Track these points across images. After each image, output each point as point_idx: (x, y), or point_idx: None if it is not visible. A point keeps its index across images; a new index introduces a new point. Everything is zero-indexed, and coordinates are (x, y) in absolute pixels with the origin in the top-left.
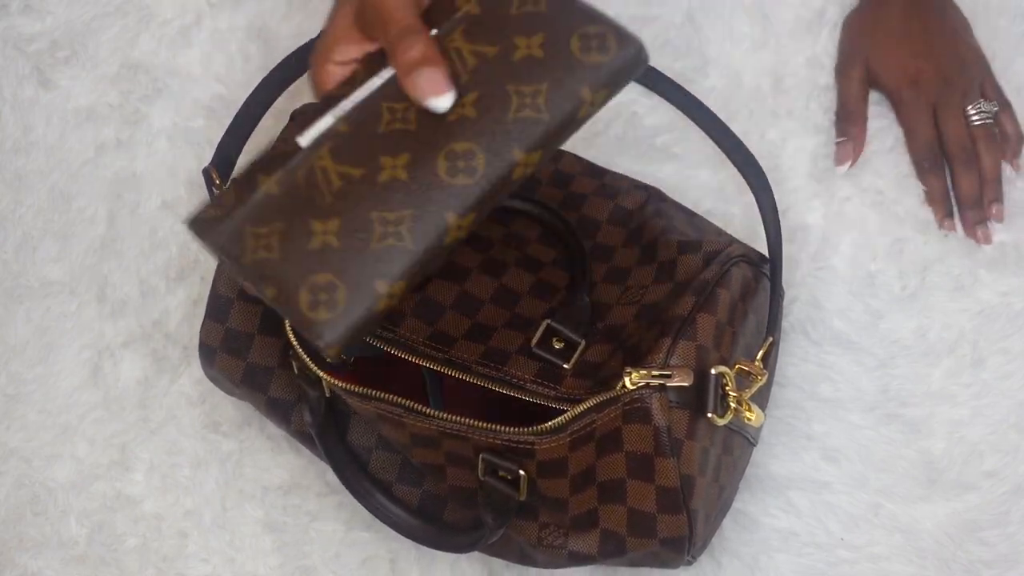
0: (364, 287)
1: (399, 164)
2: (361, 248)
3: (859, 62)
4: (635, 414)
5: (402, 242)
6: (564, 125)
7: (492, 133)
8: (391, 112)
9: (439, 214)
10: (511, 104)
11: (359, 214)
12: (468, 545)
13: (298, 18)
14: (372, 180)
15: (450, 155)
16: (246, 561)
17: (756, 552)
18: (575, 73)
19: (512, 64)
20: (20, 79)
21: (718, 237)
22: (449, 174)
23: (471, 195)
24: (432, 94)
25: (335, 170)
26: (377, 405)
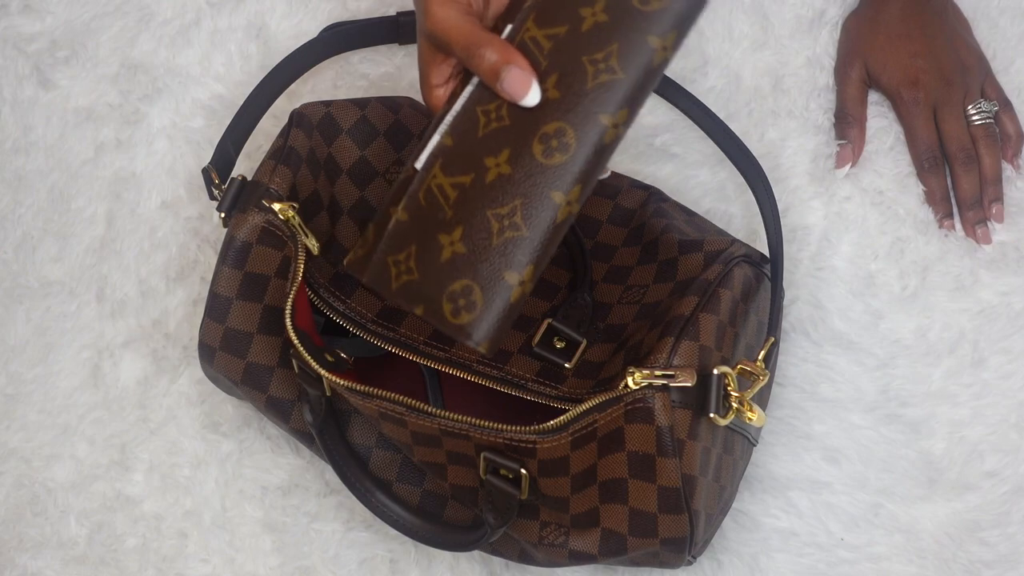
0: (496, 282)
1: (501, 161)
2: (485, 247)
3: (858, 63)
4: (637, 414)
5: (519, 232)
6: (643, 78)
7: (576, 106)
8: (486, 115)
9: (545, 196)
10: (588, 73)
11: (476, 217)
12: (469, 544)
13: (298, 18)
14: (481, 182)
15: (543, 138)
16: (246, 561)
17: (756, 552)
18: (640, 25)
19: (582, 35)
20: (20, 79)
21: (719, 236)
22: (545, 156)
23: (570, 170)
24: (520, 92)
25: (448, 183)
26: (379, 403)
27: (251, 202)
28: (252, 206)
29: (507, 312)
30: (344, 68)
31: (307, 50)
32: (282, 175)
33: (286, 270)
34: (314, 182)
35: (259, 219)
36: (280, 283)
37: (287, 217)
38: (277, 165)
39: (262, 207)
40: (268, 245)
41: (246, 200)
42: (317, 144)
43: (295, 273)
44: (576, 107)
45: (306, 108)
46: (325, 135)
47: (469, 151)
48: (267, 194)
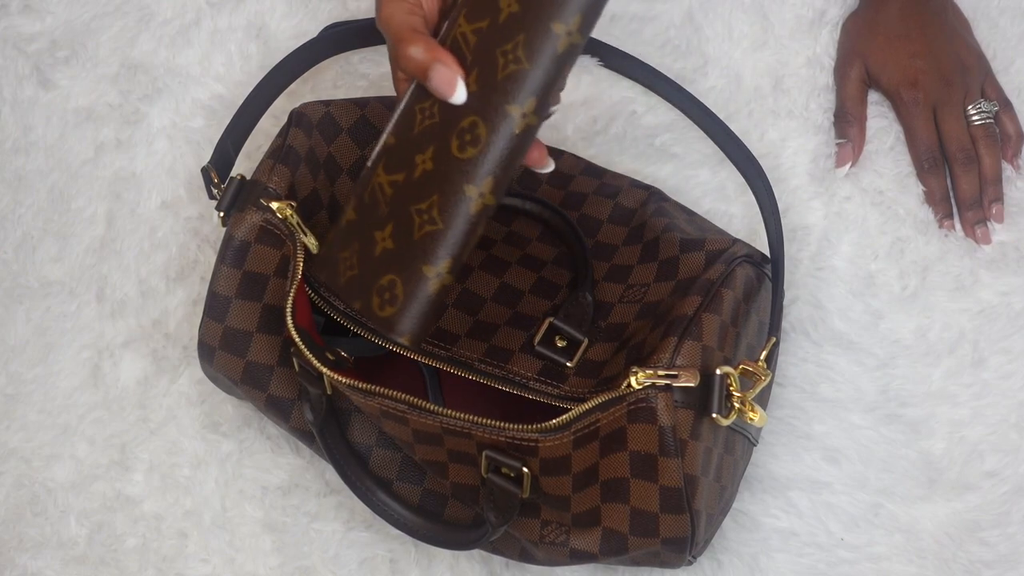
0: (415, 275)
1: (427, 157)
2: (408, 242)
3: (858, 63)
4: (640, 414)
5: (436, 226)
6: (550, 65)
7: (487, 99)
8: (421, 112)
9: (459, 189)
10: (498, 65)
11: (404, 213)
12: (470, 542)
13: (298, 18)
14: (411, 179)
15: (459, 133)
16: (246, 561)
17: (756, 552)
18: (544, 13)
19: (499, 27)
20: (20, 79)
21: (720, 236)
22: (460, 150)
23: (482, 162)
24: (447, 90)
25: (387, 181)
26: (381, 401)
27: (250, 201)
28: (250, 205)
29: (428, 305)
30: (344, 68)
31: (307, 50)
32: (280, 174)
33: (285, 269)
34: (313, 181)
35: (257, 218)
36: (279, 282)
37: (285, 216)
38: (275, 164)
39: (260, 206)
40: (267, 244)
41: (245, 199)
42: (317, 143)
43: (294, 272)
44: (487, 100)
45: (306, 108)
46: (325, 135)
47: (406, 149)
48: (265, 193)
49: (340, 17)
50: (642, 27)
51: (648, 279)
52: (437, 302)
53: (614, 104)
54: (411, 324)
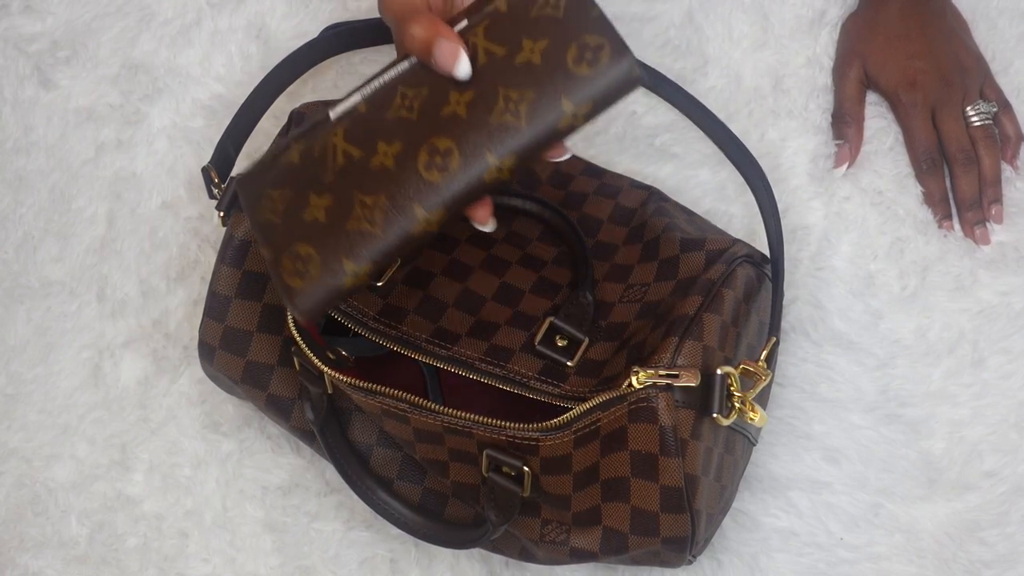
0: (333, 264)
1: (390, 152)
2: (339, 227)
3: (856, 63)
4: (641, 413)
5: (372, 228)
6: (542, 135)
7: (473, 134)
8: (403, 97)
9: (408, 206)
10: (496, 107)
11: (347, 194)
12: (470, 541)
13: (298, 18)
14: (366, 163)
15: (431, 150)
16: (246, 561)
17: (756, 552)
18: (561, 84)
19: (512, 67)
20: (21, 79)
21: (720, 236)
22: (426, 168)
23: (441, 192)
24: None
25: (342, 148)
26: (382, 400)
27: None
28: None
29: (334, 295)
30: (344, 68)
31: (307, 50)
32: None
33: None
34: None
35: None
36: None
37: None
38: None
39: None
40: None
41: None
42: None
43: None
44: (473, 135)
45: (306, 108)
46: None
47: (372, 127)
48: None
49: (340, 17)
50: (642, 27)
51: (648, 279)
52: (344, 295)
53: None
54: (311, 305)
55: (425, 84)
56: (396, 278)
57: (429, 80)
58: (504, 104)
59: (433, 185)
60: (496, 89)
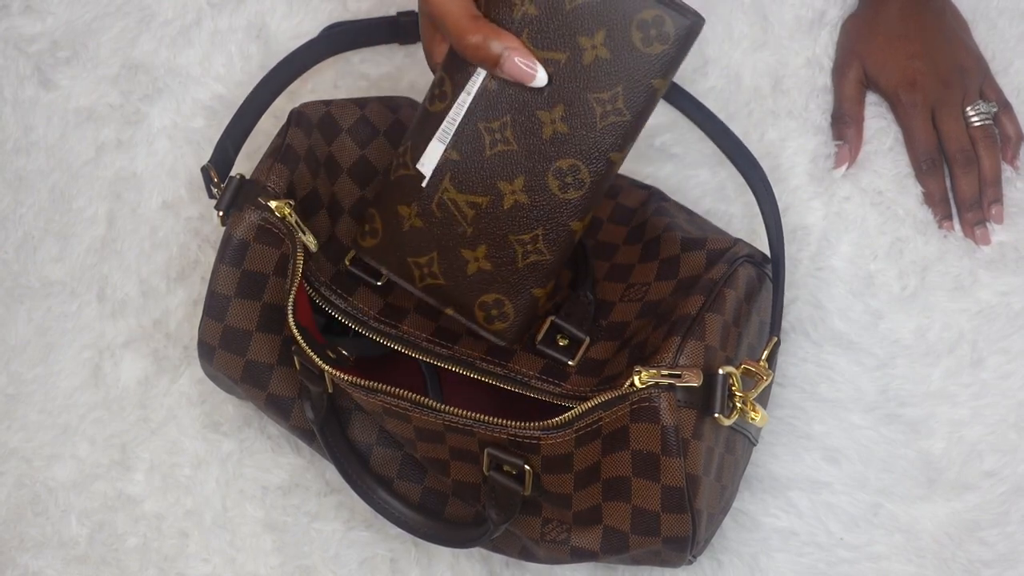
0: (524, 296)
1: (517, 188)
2: (512, 269)
3: (856, 63)
4: (643, 413)
5: (543, 257)
6: (645, 114)
7: (587, 145)
8: (490, 133)
9: (565, 225)
10: (596, 113)
11: (499, 239)
12: (471, 540)
13: (298, 18)
14: (498, 207)
15: (557, 173)
16: (246, 561)
17: (756, 552)
18: (643, 68)
19: (584, 69)
20: (21, 79)
21: (721, 236)
22: (562, 191)
23: (585, 203)
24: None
25: (463, 200)
26: (383, 399)
27: (248, 200)
28: (249, 204)
29: (535, 315)
30: (344, 68)
31: (307, 50)
32: (279, 173)
33: (284, 268)
34: (313, 180)
35: (256, 217)
36: (278, 281)
37: (283, 215)
38: (274, 163)
39: (259, 205)
40: (265, 243)
41: (244, 198)
42: (317, 143)
43: (294, 270)
44: (588, 146)
45: (305, 107)
46: (325, 134)
47: (479, 171)
48: (264, 192)
49: (340, 17)
50: None
51: (649, 278)
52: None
53: None
54: (520, 332)
55: (505, 111)
56: None
57: (505, 105)
58: (601, 108)
59: (577, 200)
60: (583, 97)
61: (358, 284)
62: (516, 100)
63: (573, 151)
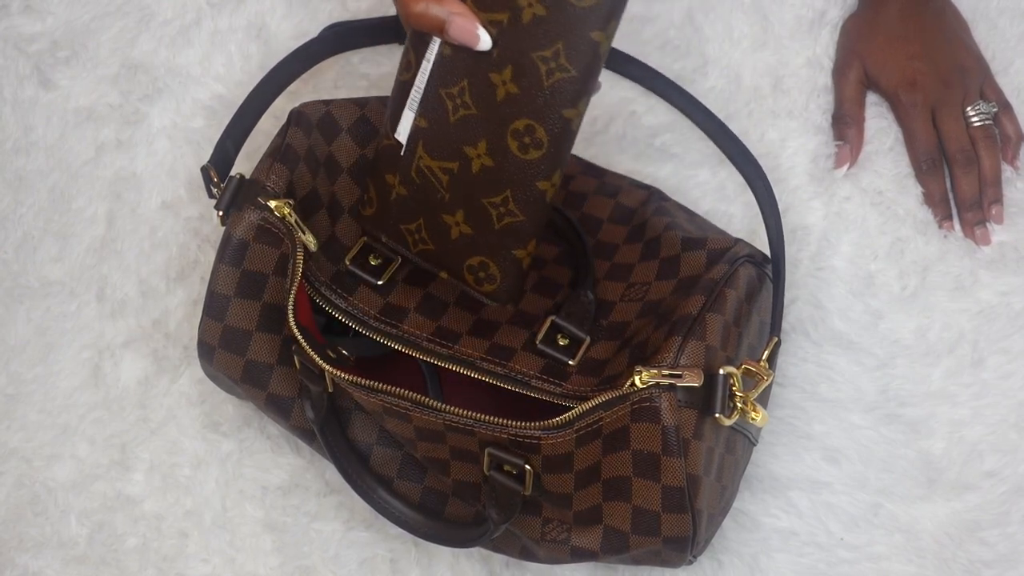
0: (507, 257)
1: (481, 152)
2: (489, 230)
3: (856, 64)
4: (643, 413)
5: (516, 217)
6: (592, 68)
7: (538, 104)
8: (451, 99)
9: (531, 186)
10: (541, 71)
11: (474, 203)
12: (471, 540)
13: (298, 18)
14: (467, 171)
15: (515, 134)
16: (246, 561)
17: (756, 552)
18: (580, 23)
19: (525, 28)
20: (20, 79)
21: (722, 235)
22: (522, 151)
23: (547, 162)
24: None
25: (436, 167)
26: (384, 398)
27: (248, 200)
28: (248, 204)
29: (522, 275)
30: (344, 68)
31: (307, 50)
32: (278, 173)
33: (284, 268)
34: (312, 180)
35: (255, 217)
36: (278, 281)
37: (283, 214)
38: (274, 163)
39: (258, 205)
40: (265, 243)
41: (243, 198)
42: (317, 143)
43: (294, 270)
44: (540, 106)
45: (305, 107)
46: (325, 134)
47: (446, 137)
48: (263, 192)
49: (340, 17)
50: (642, 27)
51: (649, 278)
52: (527, 270)
53: (614, 104)
54: (511, 293)
55: (461, 76)
56: (397, 277)
57: (460, 70)
58: (544, 66)
59: (539, 161)
60: (527, 56)
61: (358, 284)
62: (469, 64)
63: (527, 111)
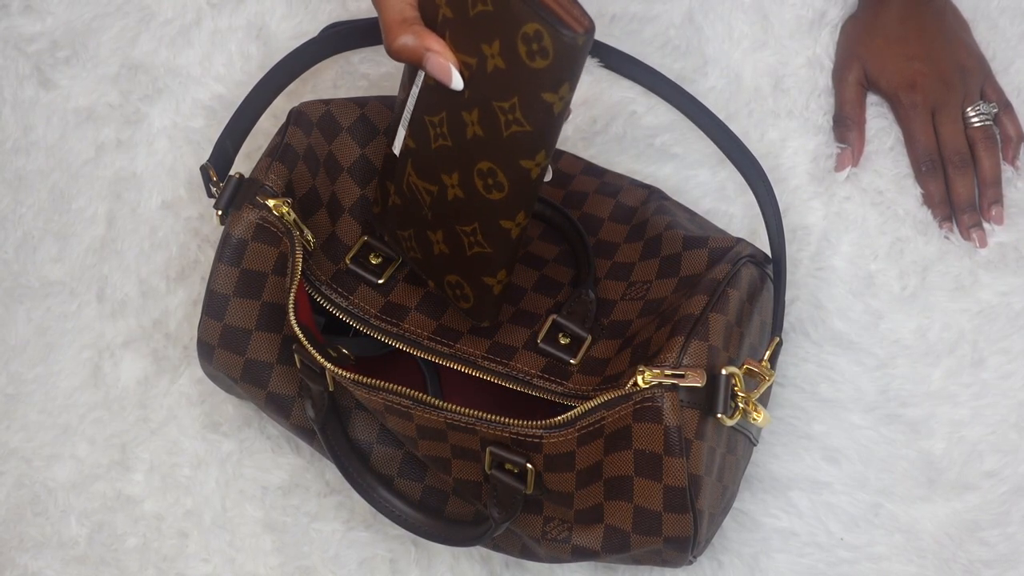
0: (479, 283)
1: (454, 183)
2: (462, 254)
3: (856, 65)
4: (646, 413)
5: (484, 249)
6: (547, 127)
7: (498, 150)
8: (432, 126)
9: (495, 223)
10: (500, 121)
11: (450, 227)
12: (473, 539)
13: (298, 18)
14: (444, 197)
15: (480, 174)
16: (246, 561)
17: (756, 552)
18: (532, 81)
19: (488, 77)
20: (20, 79)
21: (723, 235)
22: (486, 191)
23: (510, 204)
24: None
25: (421, 186)
26: (386, 397)
27: (246, 199)
28: (247, 203)
29: (496, 299)
30: (344, 68)
31: (307, 49)
32: (277, 172)
33: (283, 267)
34: (312, 179)
35: (254, 216)
36: (277, 280)
37: (282, 213)
38: (273, 162)
39: (257, 204)
40: (264, 242)
41: (242, 197)
42: (316, 142)
43: (294, 269)
44: (500, 152)
45: (305, 106)
46: (325, 133)
47: (428, 161)
48: (262, 191)
49: (340, 17)
50: (642, 27)
51: (650, 276)
52: (503, 295)
53: (614, 104)
54: (488, 314)
55: (441, 108)
56: (398, 276)
57: (441, 103)
58: (503, 116)
59: (500, 202)
60: (490, 104)
61: (359, 283)
62: (447, 99)
63: (489, 154)
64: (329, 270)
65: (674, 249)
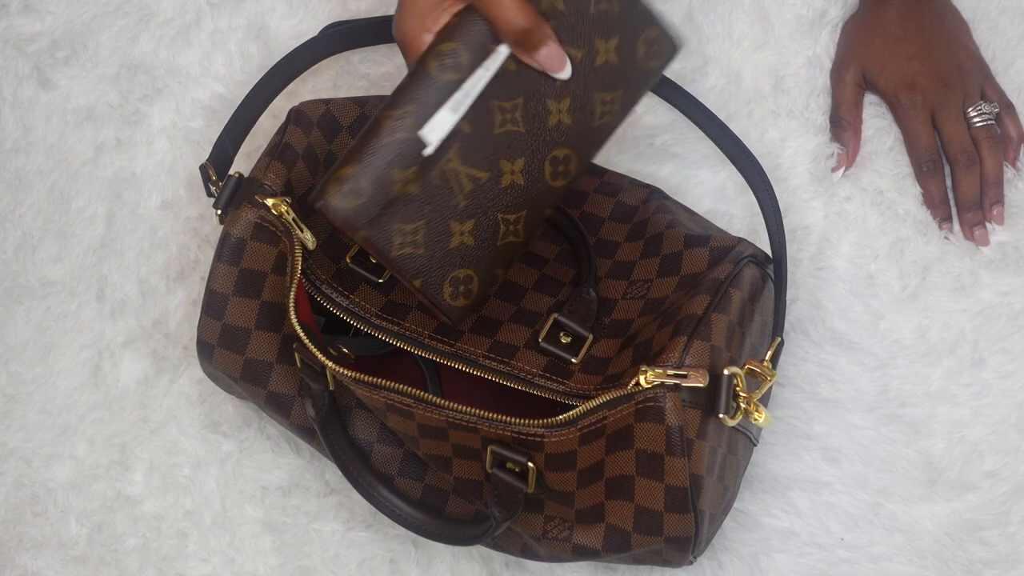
0: (490, 276)
1: (516, 169)
2: (491, 246)
3: (854, 66)
4: (648, 413)
5: (519, 238)
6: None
7: (583, 139)
8: (502, 111)
9: (541, 211)
10: (596, 111)
11: (489, 216)
12: (473, 538)
13: (298, 18)
14: (496, 184)
15: (553, 160)
16: (246, 561)
17: (756, 552)
18: (640, 79)
19: (595, 70)
20: (20, 79)
21: (724, 234)
22: (553, 178)
23: (565, 192)
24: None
25: (465, 173)
26: (387, 395)
27: (245, 198)
28: (246, 202)
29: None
30: (344, 68)
31: (307, 49)
32: (276, 171)
33: (282, 266)
34: (312, 178)
35: (253, 215)
36: (276, 279)
37: (280, 212)
38: (272, 161)
39: (256, 203)
40: (263, 241)
41: (241, 196)
42: (317, 141)
43: (293, 268)
44: (583, 140)
45: (305, 106)
46: (325, 132)
47: (486, 147)
48: (261, 190)
49: (340, 17)
50: None
51: (651, 275)
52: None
53: None
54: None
55: (519, 94)
56: None
57: (521, 88)
58: (602, 107)
59: (559, 190)
60: (591, 95)
61: (359, 282)
62: (531, 85)
63: (571, 142)
64: (329, 269)
65: (675, 248)
